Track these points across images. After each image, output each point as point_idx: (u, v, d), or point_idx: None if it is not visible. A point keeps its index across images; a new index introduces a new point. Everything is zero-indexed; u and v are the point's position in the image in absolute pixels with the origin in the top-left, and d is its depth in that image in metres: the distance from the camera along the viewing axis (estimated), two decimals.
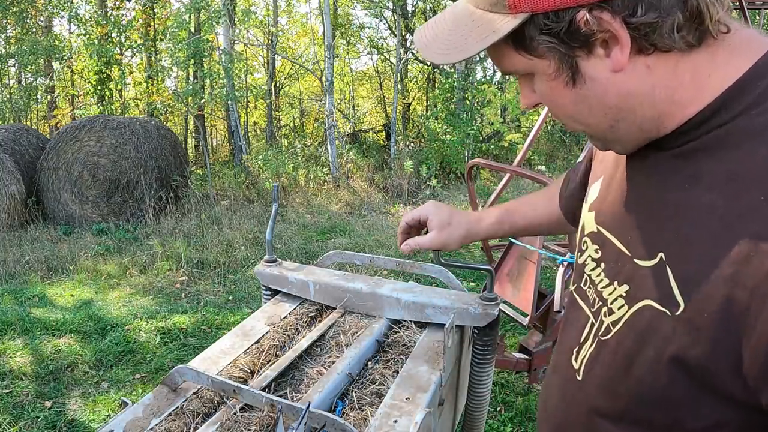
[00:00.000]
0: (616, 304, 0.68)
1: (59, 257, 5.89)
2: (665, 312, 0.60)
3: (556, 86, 0.63)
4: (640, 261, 0.65)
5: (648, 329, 0.62)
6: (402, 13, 10.93)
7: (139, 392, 3.21)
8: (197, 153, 12.54)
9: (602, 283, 0.72)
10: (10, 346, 3.73)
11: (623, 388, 0.66)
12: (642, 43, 0.57)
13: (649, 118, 0.62)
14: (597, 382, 0.71)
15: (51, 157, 7.21)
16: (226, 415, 1.02)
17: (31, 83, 12.02)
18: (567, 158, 10.86)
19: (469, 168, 2.96)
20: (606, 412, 0.70)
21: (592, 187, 0.83)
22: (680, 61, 0.58)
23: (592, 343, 0.73)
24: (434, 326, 1.37)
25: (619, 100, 0.61)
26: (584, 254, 0.79)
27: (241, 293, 4.93)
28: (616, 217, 0.72)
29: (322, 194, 8.55)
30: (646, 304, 0.63)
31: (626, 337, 0.66)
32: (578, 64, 0.60)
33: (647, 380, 0.63)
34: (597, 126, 0.66)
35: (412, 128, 12.90)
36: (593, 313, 0.74)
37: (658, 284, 0.61)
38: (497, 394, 3.11)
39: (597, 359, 0.71)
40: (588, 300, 0.77)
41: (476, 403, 1.44)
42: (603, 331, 0.71)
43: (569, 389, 0.78)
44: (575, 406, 0.76)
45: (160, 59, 11.03)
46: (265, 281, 1.55)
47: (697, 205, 0.59)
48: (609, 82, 0.60)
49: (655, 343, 0.61)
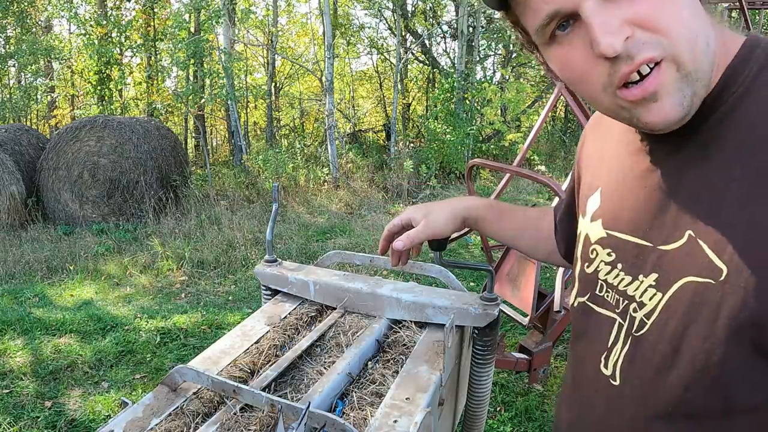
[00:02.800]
0: (646, 295, 0.68)
1: (59, 257, 5.90)
2: (709, 282, 0.61)
3: None
4: (666, 246, 0.66)
5: (694, 304, 0.62)
6: (402, 13, 10.93)
7: (139, 392, 3.21)
8: (197, 153, 12.54)
9: (623, 282, 0.72)
10: (10, 346, 3.73)
11: (672, 376, 0.65)
12: None
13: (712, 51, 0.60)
14: (638, 383, 0.69)
15: (51, 157, 7.21)
16: (226, 415, 1.02)
17: (31, 83, 12.03)
18: (567, 158, 10.86)
19: (469, 168, 2.96)
20: (656, 410, 0.68)
21: (590, 200, 0.83)
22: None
23: (624, 343, 0.71)
24: (434, 326, 1.37)
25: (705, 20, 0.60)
26: (594, 262, 0.79)
27: (241, 293, 4.93)
28: (628, 216, 0.73)
29: (322, 194, 8.56)
30: (687, 282, 0.63)
31: (669, 321, 0.65)
32: None
33: (700, 357, 0.62)
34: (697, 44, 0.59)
35: (412, 128, 12.90)
36: (620, 314, 0.73)
37: (693, 259, 0.62)
38: (497, 394, 3.11)
39: (635, 357, 0.70)
40: (609, 304, 0.75)
41: (476, 403, 1.44)
42: (636, 327, 0.70)
43: (605, 398, 0.74)
44: (616, 414, 0.73)
45: (160, 59, 11.03)
46: (265, 281, 1.55)
47: (715, 177, 0.61)
48: None
49: (705, 315, 0.61)
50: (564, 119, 13.86)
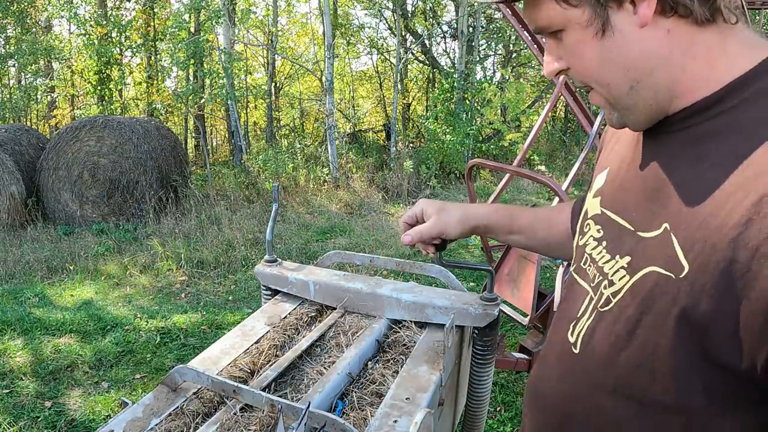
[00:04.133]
0: (617, 275, 0.72)
1: (59, 257, 5.90)
2: (670, 275, 0.63)
3: (585, 38, 0.68)
4: (644, 233, 0.69)
5: (652, 293, 0.65)
6: (402, 13, 10.93)
7: (139, 392, 3.21)
8: (197, 153, 12.54)
9: (603, 259, 0.76)
10: (10, 346, 3.73)
11: (623, 357, 0.69)
12: (666, 3, 0.62)
13: (664, 86, 0.67)
14: (595, 354, 0.73)
15: (51, 157, 7.21)
16: (226, 415, 1.02)
17: (31, 83, 12.03)
18: (567, 158, 10.86)
19: (469, 168, 2.96)
20: (603, 384, 0.72)
21: (597, 177, 0.87)
22: (696, 34, 0.64)
23: (590, 316, 0.76)
24: (434, 326, 1.37)
25: (640, 57, 0.66)
26: (586, 236, 0.84)
27: (241, 293, 4.93)
28: (622, 198, 0.77)
29: (322, 194, 8.55)
30: (651, 270, 0.66)
31: (629, 304, 0.69)
32: (609, 15, 0.65)
33: (647, 347, 0.66)
34: (617, 87, 0.70)
35: (412, 128, 12.91)
36: (592, 288, 0.77)
37: (662, 251, 0.65)
38: (497, 394, 3.11)
39: (595, 330, 0.74)
40: (588, 277, 0.80)
41: (476, 403, 1.44)
42: (602, 303, 0.74)
43: (565, 363, 0.80)
44: (572, 379, 0.78)
45: (160, 59, 11.03)
46: (265, 281, 1.55)
47: (703, 179, 0.63)
48: (634, 36, 0.65)
49: (660, 305, 0.64)
50: (564, 119, 13.87)
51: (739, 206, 0.58)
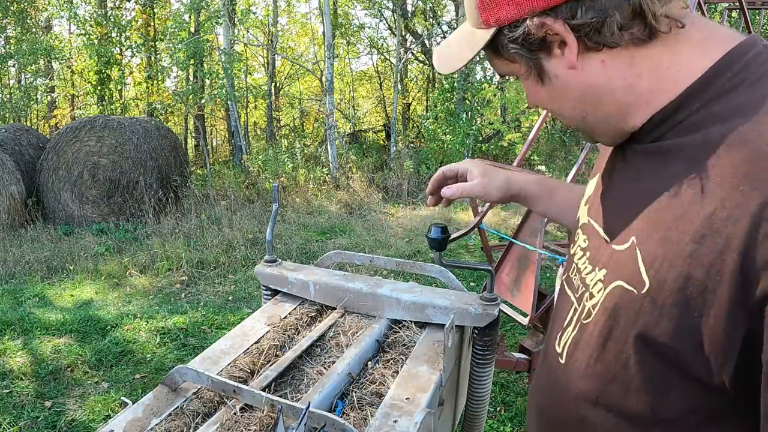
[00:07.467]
0: (596, 288, 0.72)
1: (59, 257, 5.90)
2: (633, 291, 0.63)
3: (531, 85, 0.73)
4: (617, 246, 0.69)
5: (617, 309, 0.66)
6: (402, 13, 10.93)
7: (139, 392, 3.21)
8: (197, 153, 12.54)
9: (586, 270, 0.77)
10: (10, 346, 3.73)
11: (599, 369, 0.69)
12: (588, 42, 0.64)
13: (614, 111, 0.69)
14: (577, 365, 0.74)
15: (51, 157, 7.21)
16: (226, 415, 1.02)
17: (31, 83, 12.03)
18: (567, 158, 10.85)
19: None
20: (585, 395, 0.72)
21: (590, 182, 0.88)
22: (636, 55, 0.64)
23: (574, 327, 0.77)
24: (434, 326, 1.37)
25: (581, 93, 0.69)
26: (575, 245, 0.84)
27: (241, 293, 4.93)
28: (602, 208, 0.77)
29: (321, 194, 8.55)
30: (617, 285, 0.67)
31: (601, 318, 0.69)
32: (542, 65, 0.69)
33: (619, 360, 0.66)
34: (572, 118, 0.74)
35: (412, 128, 12.91)
36: (577, 299, 0.78)
37: (629, 266, 0.65)
38: (497, 394, 3.11)
39: (579, 342, 0.75)
40: (573, 287, 0.81)
41: (476, 403, 1.44)
42: (584, 315, 0.74)
43: (554, 373, 0.80)
44: (558, 389, 0.79)
45: (160, 59, 11.03)
46: (265, 281, 1.55)
47: (663, 191, 0.63)
48: (570, 77, 0.68)
49: (624, 322, 0.64)
50: None
51: (694, 220, 0.57)
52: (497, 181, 1.08)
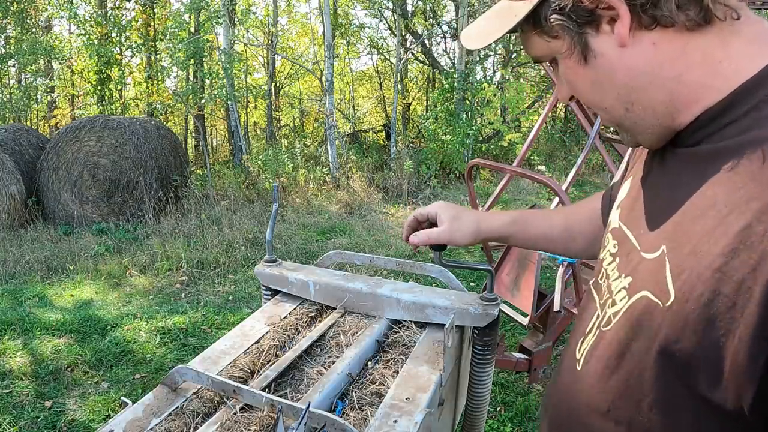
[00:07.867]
0: (619, 295, 0.69)
1: (59, 257, 5.89)
2: (658, 303, 0.60)
3: (572, 66, 0.68)
4: (646, 254, 0.66)
5: (641, 320, 0.63)
6: (402, 13, 10.92)
7: (139, 392, 3.21)
8: (197, 153, 12.54)
9: (613, 276, 0.74)
10: (10, 346, 3.73)
11: (613, 380, 0.67)
12: (643, 18, 0.59)
13: (660, 101, 0.64)
14: (591, 373, 0.72)
15: (51, 157, 7.21)
16: (226, 415, 1.02)
17: (31, 83, 12.02)
18: (567, 158, 10.85)
19: (469, 168, 2.95)
20: (597, 405, 0.70)
21: (623, 185, 0.84)
22: (689, 41, 0.60)
23: (594, 334, 0.74)
24: (434, 326, 1.37)
25: (628, 78, 0.64)
26: (605, 250, 0.81)
27: (241, 293, 4.93)
28: (635, 213, 0.74)
29: (321, 194, 8.55)
30: (643, 295, 0.63)
31: (622, 328, 0.67)
32: (588, 41, 0.64)
33: (635, 373, 0.63)
34: (614, 110, 0.69)
35: (412, 128, 12.91)
36: (600, 305, 0.75)
37: (656, 276, 0.62)
38: (497, 394, 3.11)
39: (595, 350, 0.72)
40: (601, 292, 0.78)
41: (476, 403, 1.44)
42: (605, 322, 0.72)
43: (569, 378, 0.78)
44: (572, 395, 0.77)
45: (160, 59, 11.03)
46: (265, 281, 1.55)
47: (699, 200, 0.59)
48: (617, 57, 0.63)
49: (647, 334, 0.61)
50: (564, 119, 13.85)
51: (728, 232, 0.53)
52: (466, 227, 1.09)
